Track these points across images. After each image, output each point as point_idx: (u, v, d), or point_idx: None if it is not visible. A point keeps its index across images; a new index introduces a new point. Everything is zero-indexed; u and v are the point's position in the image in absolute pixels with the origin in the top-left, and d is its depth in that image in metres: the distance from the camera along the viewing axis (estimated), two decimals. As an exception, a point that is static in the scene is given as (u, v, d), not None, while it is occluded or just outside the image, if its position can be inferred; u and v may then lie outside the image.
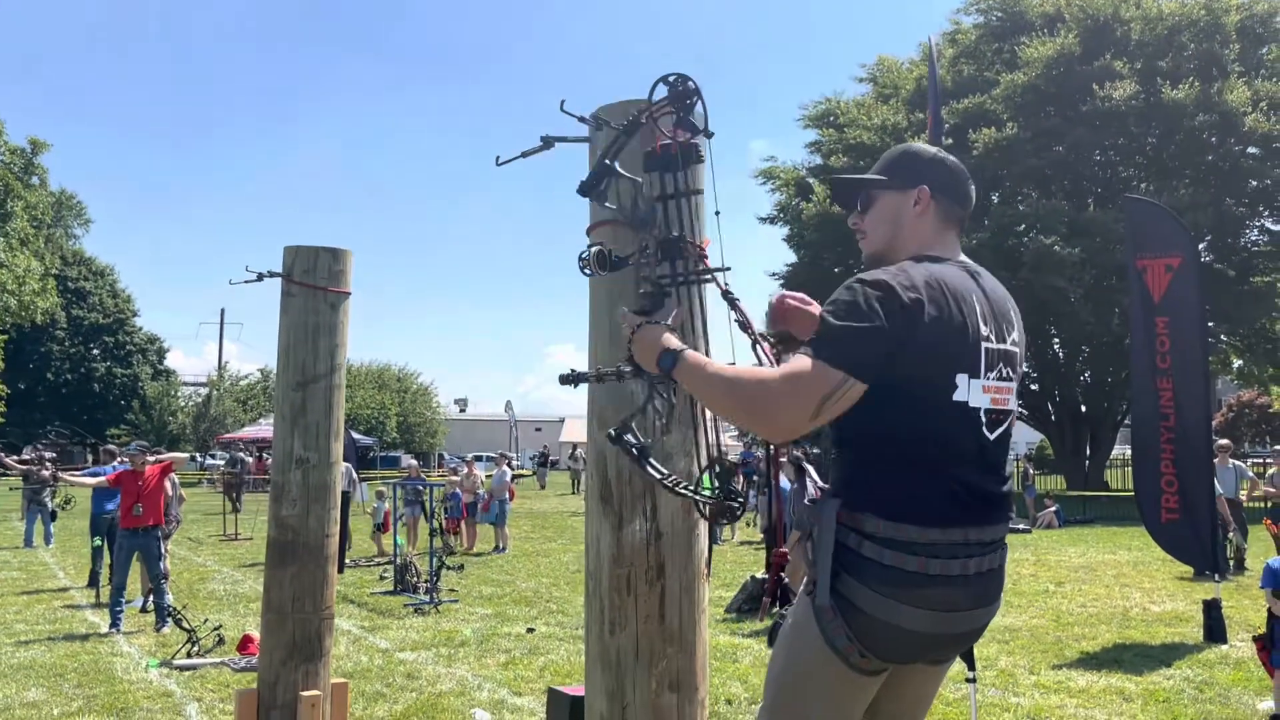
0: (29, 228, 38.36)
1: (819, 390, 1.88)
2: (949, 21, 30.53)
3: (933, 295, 1.98)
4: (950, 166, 2.24)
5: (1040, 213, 24.06)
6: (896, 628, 1.95)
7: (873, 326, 1.91)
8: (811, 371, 1.88)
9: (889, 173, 2.25)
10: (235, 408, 47.72)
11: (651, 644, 2.21)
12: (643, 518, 2.23)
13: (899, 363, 1.93)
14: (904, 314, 1.93)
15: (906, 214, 2.20)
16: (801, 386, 1.88)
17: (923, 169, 2.22)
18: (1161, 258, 8.62)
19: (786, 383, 1.88)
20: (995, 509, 2.06)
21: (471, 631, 8.85)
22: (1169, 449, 8.46)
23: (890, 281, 1.96)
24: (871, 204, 2.25)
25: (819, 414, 1.89)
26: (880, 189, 2.24)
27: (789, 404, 1.87)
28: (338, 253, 4.57)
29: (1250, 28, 25.57)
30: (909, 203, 2.20)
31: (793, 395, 1.87)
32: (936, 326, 1.96)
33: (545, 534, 18.99)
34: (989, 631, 8.37)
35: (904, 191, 2.21)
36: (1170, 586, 11.27)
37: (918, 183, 2.20)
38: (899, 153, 2.30)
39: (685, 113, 2.15)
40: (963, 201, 2.25)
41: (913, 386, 1.96)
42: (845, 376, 1.89)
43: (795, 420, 1.88)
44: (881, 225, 2.23)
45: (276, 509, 4.44)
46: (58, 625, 9.34)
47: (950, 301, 2.01)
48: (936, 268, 2.07)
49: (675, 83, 2.13)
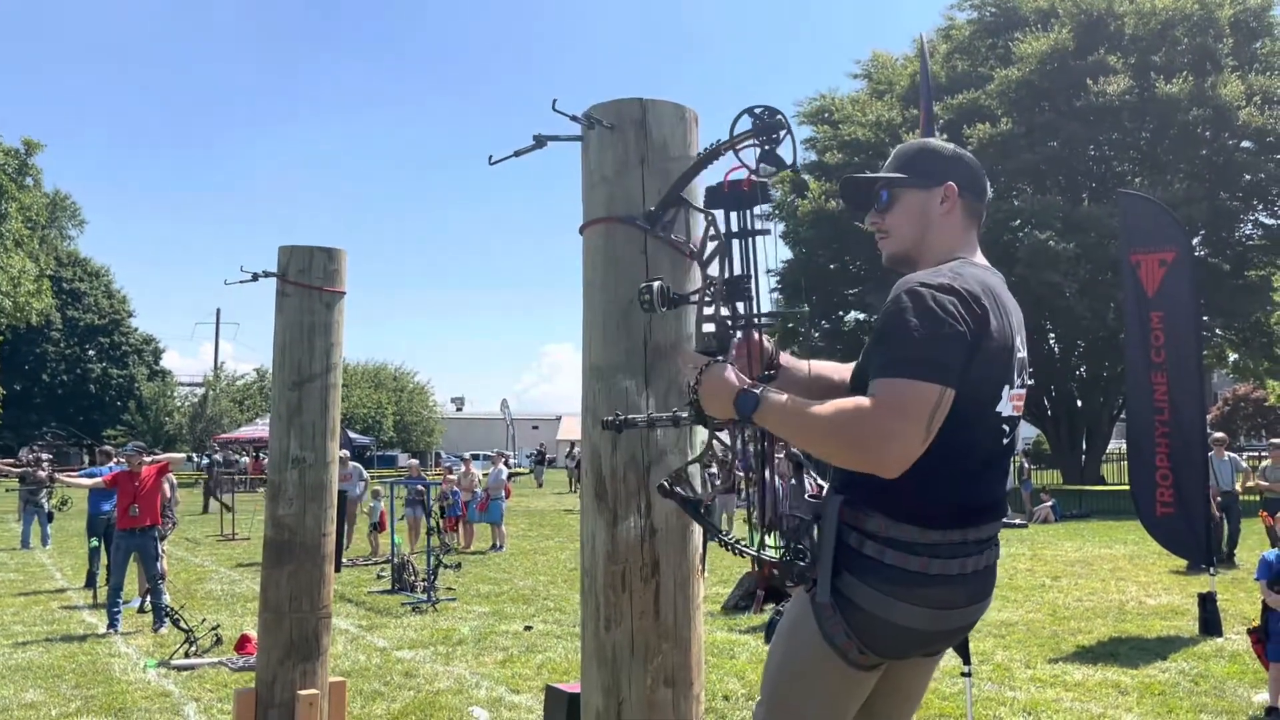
0: (23, 229, 38.28)
1: (925, 410, 1.80)
2: (943, 17, 30.54)
3: (991, 304, 1.95)
4: (969, 163, 2.20)
5: (1035, 208, 24.09)
6: (895, 625, 1.96)
7: (956, 331, 1.85)
8: (911, 392, 1.80)
9: (911, 170, 2.18)
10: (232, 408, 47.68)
11: (647, 640, 2.22)
12: (637, 514, 2.24)
13: (962, 374, 1.87)
14: (975, 321, 1.89)
15: (934, 212, 2.14)
16: (908, 411, 1.79)
17: (946, 166, 2.17)
18: (1155, 252, 8.65)
19: (891, 411, 1.79)
20: (994, 509, 2.08)
21: (469, 630, 8.86)
22: (1164, 443, 8.48)
23: (959, 287, 1.90)
24: (895, 202, 2.18)
25: (929, 433, 1.81)
26: (903, 186, 2.17)
27: (900, 432, 1.78)
28: (332, 252, 4.57)
29: (1243, 22, 25.60)
30: (935, 200, 2.14)
31: (902, 422, 1.78)
32: (997, 336, 1.94)
33: (542, 532, 19.01)
34: (986, 626, 8.41)
35: (929, 189, 2.15)
36: (1166, 580, 11.30)
37: (943, 179, 2.15)
38: (917, 149, 2.22)
39: (771, 146, 1.98)
40: (983, 198, 2.21)
41: (968, 396, 1.90)
42: (942, 389, 1.81)
43: (911, 448, 1.79)
44: (908, 224, 2.16)
45: (273, 508, 4.45)
46: (55, 626, 9.34)
47: (1001, 309, 1.99)
48: (982, 273, 2.04)
49: (762, 114, 1.97)
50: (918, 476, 1.91)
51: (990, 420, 2.00)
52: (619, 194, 2.28)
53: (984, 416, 1.98)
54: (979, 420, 1.98)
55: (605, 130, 2.29)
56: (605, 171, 2.31)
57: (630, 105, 2.31)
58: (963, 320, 1.87)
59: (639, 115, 2.30)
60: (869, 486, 1.94)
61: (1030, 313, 21.12)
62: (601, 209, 2.30)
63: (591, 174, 2.34)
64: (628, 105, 2.31)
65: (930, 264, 2.09)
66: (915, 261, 2.14)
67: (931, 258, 2.12)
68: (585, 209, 2.37)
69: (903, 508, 1.95)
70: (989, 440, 2.02)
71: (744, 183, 2.02)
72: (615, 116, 2.30)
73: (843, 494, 2.01)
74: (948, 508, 1.97)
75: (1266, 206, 26.78)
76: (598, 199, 2.32)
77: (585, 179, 2.37)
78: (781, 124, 1.95)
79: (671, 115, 2.34)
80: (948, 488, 1.96)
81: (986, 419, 1.99)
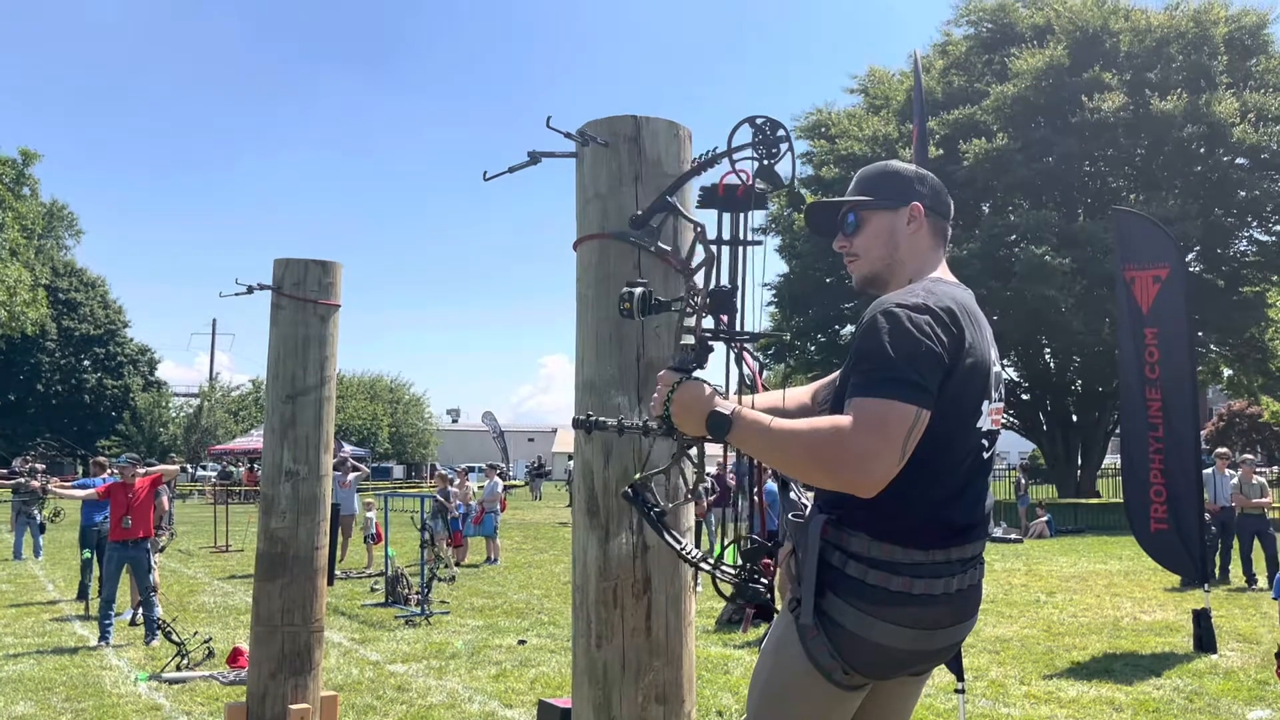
0: (20, 238, 38.27)
1: (901, 430, 1.79)
2: (940, 33, 30.69)
3: (967, 321, 1.97)
4: (932, 182, 2.22)
5: (1031, 223, 24.15)
6: (879, 645, 1.96)
7: (932, 351, 1.85)
8: (888, 413, 1.79)
9: (876, 191, 2.19)
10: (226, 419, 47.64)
11: (638, 656, 2.21)
12: (629, 531, 2.23)
13: (942, 393, 1.88)
14: (951, 339, 1.90)
15: (901, 232, 2.15)
16: (885, 432, 1.78)
17: (910, 186, 2.18)
18: (1149, 268, 8.68)
19: (868, 431, 1.77)
20: (978, 527, 2.08)
21: (463, 644, 8.83)
22: (1158, 459, 8.49)
23: (933, 305, 1.91)
24: (862, 225, 2.18)
25: (905, 454, 1.80)
26: (869, 209, 2.18)
27: (876, 452, 1.77)
28: (328, 265, 4.58)
29: (1238, 40, 25.75)
30: (902, 221, 2.15)
31: (879, 442, 1.77)
32: (971, 354, 1.95)
33: (537, 545, 18.96)
34: (980, 641, 8.40)
35: (895, 210, 2.16)
36: (1161, 596, 11.30)
37: (909, 199, 2.16)
38: (879, 171, 2.25)
39: (770, 161, 1.94)
40: (948, 216, 2.23)
41: (947, 414, 1.91)
42: (918, 410, 1.81)
43: (888, 468, 1.78)
44: (876, 246, 2.17)
45: (266, 521, 4.44)
46: (46, 638, 9.29)
47: (976, 326, 2.00)
48: (956, 292, 2.05)
49: (764, 125, 1.92)
50: (901, 496, 1.91)
51: (971, 437, 2.01)
52: (612, 210, 2.29)
53: (965, 434, 1.99)
54: (961, 438, 1.98)
55: (599, 147, 2.30)
56: (599, 188, 2.32)
57: (624, 122, 2.32)
58: (938, 340, 1.87)
59: (633, 132, 2.31)
60: (852, 506, 1.94)
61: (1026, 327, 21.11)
62: (595, 225, 2.31)
63: (585, 190, 2.35)
64: (621, 122, 2.32)
65: (901, 284, 2.11)
66: (886, 282, 2.15)
67: (902, 278, 2.13)
68: (579, 225, 2.37)
69: (886, 527, 1.94)
70: (970, 458, 2.02)
71: (739, 188, 1.99)
72: (609, 133, 2.31)
73: (826, 513, 2.00)
74: (931, 527, 1.97)
75: (1261, 223, 26.88)
76: (591, 215, 2.33)
77: (579, 195, 2.38)
78: (783, 138, 1.90)
79: (665, 132, 2.35)
80: (931, 507, 1.96)
81: (968, 436, 2.00)
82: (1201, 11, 25.57)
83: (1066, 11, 26.55)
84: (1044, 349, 28.83)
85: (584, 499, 2.30)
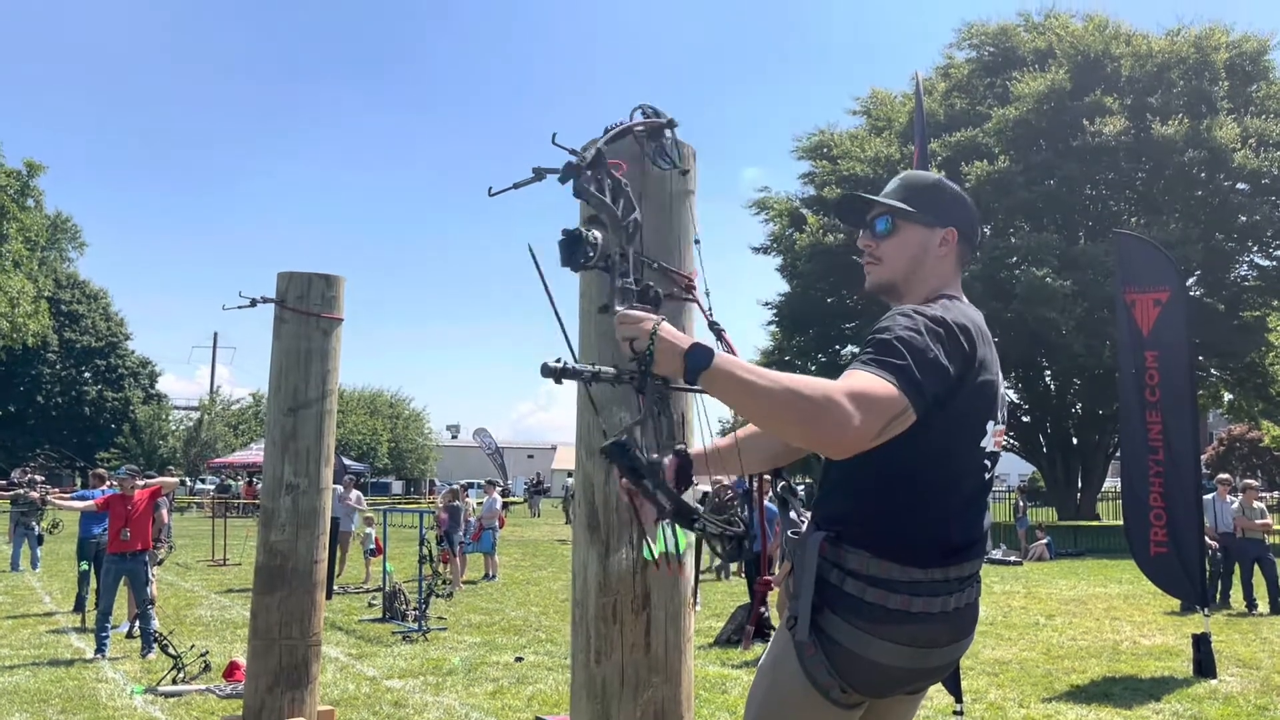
0: (23, 250, 38.34)
1: (888, 410, 1.75)
2: (942, 56, 30.89)
3: (983, 340, 1.97)
4: (971, 209, 2.22)
5: (1032, 245, 24.23)
6: (877, 663, 1.95)
7: (938, 361, 1.85)
8: (882, 389, 1.76)
9: (919, 205, 2.16)
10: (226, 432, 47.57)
11: (637, 673, 2.21)
12: (629, 546, 2.24)
13: (948, 408, 1.87)
14: (962, 359, 1.90)
15: (931, 251, 2.14)
16: (871, 404, 1.73)
17: (952, 209, 2.17)
18: (1150, 292, 8.69)
19: (856, 397, 1.72)
20: (976, 545, 2.08)
21: (460, 660, 8.80)
22: (1157, 482, 8.48)
23: (950, 320, 1.92)
24: (894, 232, 2.16)
25: (882, 435, 1.75)
26: (908, 220, 2.16)
27: (858, 419, 1.70)
28: (330, 279, 4.60)
29: (1239, 66, 25.90)
30: (935, 240, 2.14)
31: (865, 411, 1.71)
32: (981, 373, 1.96)
33: (535, 562, 18.92)
34: (979, 664, 8.36)
35: (931, 228, 2.15)
36: (1160, 620, 11.26)
37: (948, 223, 2.15)
38: (929, 184, 2.22)
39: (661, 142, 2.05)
40: (976, 246, 2.24)
41: (953, 432, 1.91)
42: (908, 404, 1.78)
43: (861, 438, 1.72)
44: (902, 257, 2.15)
45: (266, 534, 4.44)
46: (43, 650, 9.26)
47: (988, 348, 2.01)
48: (971, 311, 2.06)
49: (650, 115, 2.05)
50: (901, 513, 1.92)
51: (974, 456, 2.01)
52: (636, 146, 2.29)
53: (969, 452, 2.00)
54: (964, 456, 1.99)
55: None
56: (602, 204, 2.33)
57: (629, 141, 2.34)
58: (946, 353, 1.87)
59: (637, 150, 2.33)
60: (851, 523, 1.95)
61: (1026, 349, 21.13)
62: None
63: (588, 206, 2.36)
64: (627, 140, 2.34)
65: (915, 300, 2.11)
66: (900, 294, 2.15)
67: (917, 294, 2.13)
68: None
69: (884, 545, 1.95)
70: (972, 476, 2.03)
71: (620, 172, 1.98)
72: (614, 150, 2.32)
73: (824, 530, 2.00)
74: (930, 545, 1.97)
75: (1262, 248, 26.97)
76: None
77: (583, 212, 2.39)
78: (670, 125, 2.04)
79: (669, 150, 2.36)
80: (930, 525, 1.97)
81: (971, 455, 2.00)
82: (1203, 37, 25.73)
83: (1068, 36, 26.72)
84: (1044, 371, 28.86)
85: (584, 513, 2.30)
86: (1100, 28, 26.93)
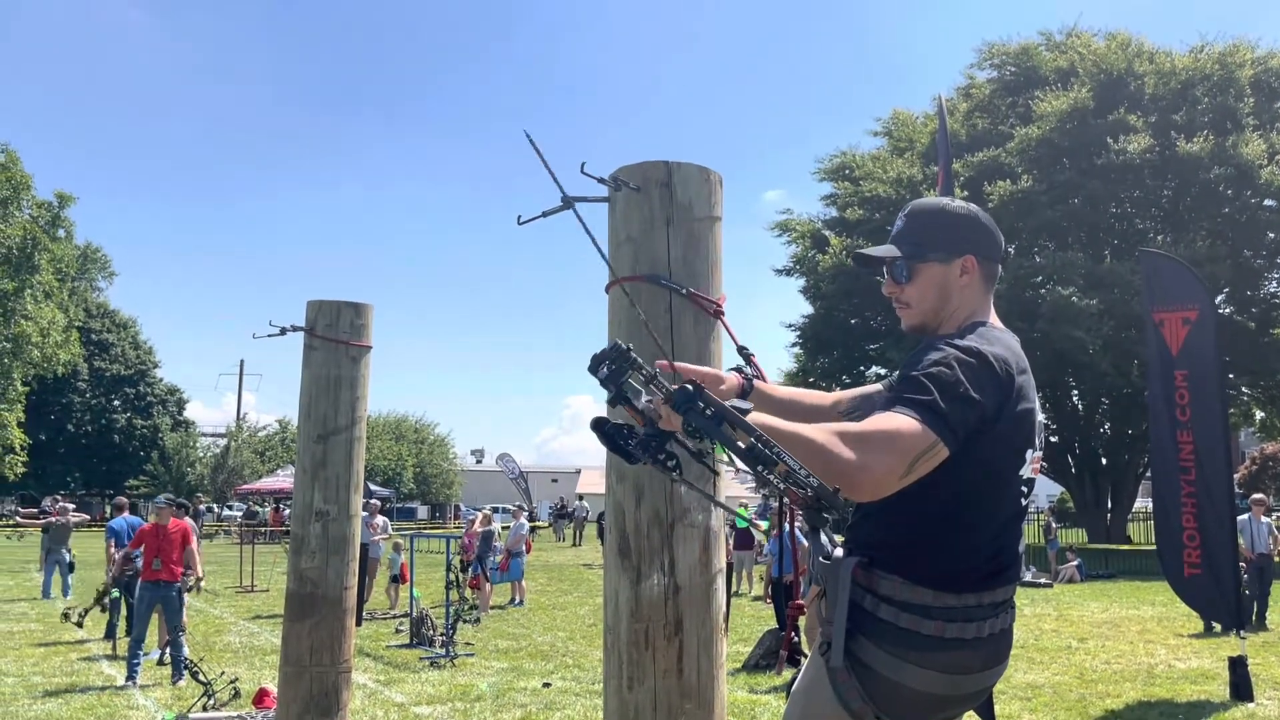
0: (54, 280, 38.88)
1: (913, 449, 1.77)
2: (963, 76, 30.92)
3: (1019, 369, 1.97)
4: (986, 225, 2.19)
5: (1057, 264, 24.11)
6: (911, 689, 1.95)
7: (972, 398, 1.85)
8: (907, 429, 1.77)
9: (928, 242, 2.15)
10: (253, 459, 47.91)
11: (670, 700, 2.21)
12: (660, 572, 2.24)
13: (985, 438, 1.88)
14: (997, 390, 1.90)
15: (954, 284, 2.13)
16: (897, 444, 1.75)
17: (964, 235, 2.15)
18: (1178, 311, 8.62)
19: (883, 438, 1.75)
20: (1011, 570, 2.07)
21: (487, 686, 8.79)
22: (1190, 502, 8.39)
23: (987, 354, 1.92)
24: (914, 275, 2.15)
25: (909, 474, 1.78)
26: (922, 261, 2.15)
27: (882, 460, 1.73)
28: (360, 307, 4.63)
29: (1265, 82, 25.75)
30: (955, 272, 2.13)
31: (889, 453, 1.74)
32: (1020, 401, 1.95)
33: (561, 586, 18.88)
34: (1012, 688, 8.27)
35: (948, 262, 2.13)
36: (1195, 643, 11.09)
37: (963, 250, 2.13)
38: (934, 214, 2.19)
39: None
40: (1000, 258, 2.21)
41: (991, 461, 1.91)
42: (937, 440, 1.79)
43: (887, 479, 1.75)
44: (928, 297, 2.15)
45: (296, 561, 4.46)
46: (75, 677, 9.33)
47: (1027, 374, 2.01)
48: (1008, 339, 2.06)
49: None
50: (936, 540, 1.92)
51: (1012, 483, 2.01)
52: (644, 254, 2.32)
53: (1007, 481, 1.99)
54: (1002, 484, 1.99)
55: (631, 192, 2.34)
56: (631, 231, 2.35)
57: (656, 168, 2.36)
58: (979, 387, 1.87)
59: (664, 177, 2.35)
60: (884, 548, 1.95)
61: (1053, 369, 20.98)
62: (627, 268, 2.34)
63: (617, 234, 2.39)
64: (653, 168, 2.36)
65: (951, 330, 2.11)
66: (936, 329, 2.16)
67: (952, 324, 2.14)
68: (611, 267, 2.41)
69: (919, 571, 1.94)
70: (1009, 504, 2.02)
71: None
72: (641, 179, 2.35)
73: (857, 556, 2.00)
74: (964, 571, 1.97)
75: (1291, 264, 26.72)
76: (623, 258, 2.36)
77: (611, 238, 2.41)
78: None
79: (696, 177, 2.39)
80: (965, 552, 1.97)
81: (1009, 483, 2.00)
82: (1227, 54, 25.62)
83: (1090, 54, 26.68)
84: (1072, 391, 28.63)
85: (615, 540, 2.31)
86: (1123, 46, 26.87)
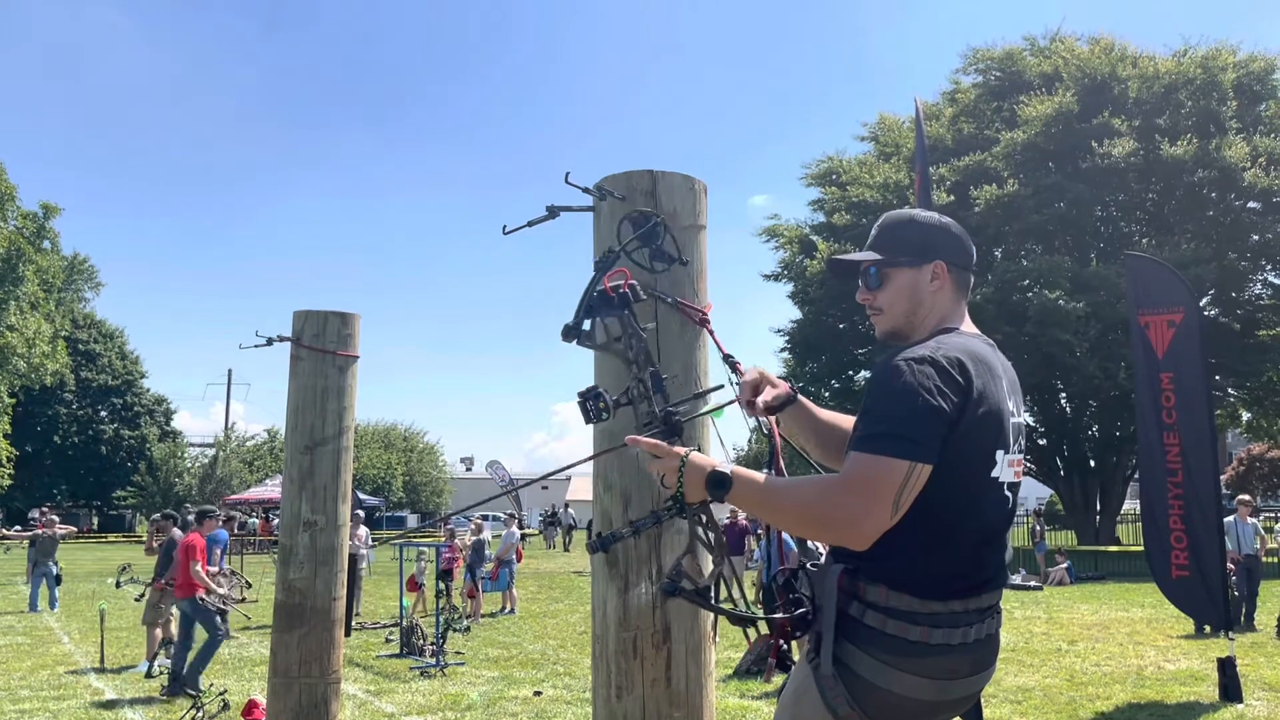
0: (40, 291, 38.70)
1: (891, 487, 1.84)
2: (949, 81, 31.01)
3: (978, 371, 1.98)
4: (956, 233, 2.22)
5: (1043, 268, 24.20)
6: (898, 695, 1.95)
7: (931, 405, 1.88)
8: (877, 471, 1.84)
9: (899, 249, 2.19)
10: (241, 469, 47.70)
11: (659, 708, 2.21)
12: (648, 581, 2.24)
13: (949, 441, 1.91)
14: (956, 392, 1.92)
15: (924, 289, 2.17)
16: (873, 489, 1.84)
17: (934, 241, 2.18)
18: (1164, 313, 8.67)
19: (857, 489, 1.85)
20: (996, 577, 2.08)
21: (478, 695, 8.76)
22: (1177, 504, 8.42)
23: (940, 359, 1.94)
24: (885, 281, 2.20)
25: (898, 509, 1.86)
26: (893, 267, 2.19)
27: (866, 510, 1.84)
28: (346, 317, 4.63)
29: (1247, 85, 25.91)
30: (925, 278, 2.16)
31: (869, 500, 1.84)
32: (982, 403, 1.96)
33: (552, 594, 18.85)
34: (1002, 691, 8.28)
35: (918, 268, 2.17)
36: (1185, 644, 11.13)
37: (932, 257, 2.16)
38: (904, 224, 2.23)
39: (655, 243, 2.20)
40: (970, 265, 2.24)
41: (957, 464, 1.93)
42: (912, 464, 1.85)
43: (878, 524, 1.85)
44: (900, 302, 2.18)
45: (284, 572, 4.45)
46: (62, 691, 9.26)
47: (989, 377, 2.02)
48: (969, 342, 2.07)
49: (638, 220, 2.22)
50: (919, 546, 1.93)
51: (988, 487, 2.01)
52: (629, 263, 2.32)
53: (980, 483, 2.00)
54: (976, 487, 1.99)
55: (616, 201, 2.35)
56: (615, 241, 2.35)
57: (640, 177, 2.37)
58: (939, 393, 1.89)
59: (649, 186, 2.36)
60: (870, 556, 1.95)
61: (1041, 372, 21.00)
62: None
63: (603, 243, 2.39)
64: (638, 177, 2.37)
65: (923, 336, 2.13)
66: (908, 336, 2.17)
67: (924, 330, 2.16)
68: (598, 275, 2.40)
69: (904, 577, 1.95)
70: (990, 508, 2.03)
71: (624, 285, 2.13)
72: (626, 188, 2.36)
73: (843, 563, 2.01)
74: (948, 578, 1.98)
75: (1275, 266, 26.87)
76: (609, 267, 2.36)
77: (597, 248, 2.42)
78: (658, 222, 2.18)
79: (681, 186, 2.40)
80: (947, 558, 1.97)
81: (984, 486, 2.00)
82: (1209, 57, 25.77)
83: (1074, 59, 26.80)
84: (1059, 394, 28.71)
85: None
86: (1106, 50, 27.00)
